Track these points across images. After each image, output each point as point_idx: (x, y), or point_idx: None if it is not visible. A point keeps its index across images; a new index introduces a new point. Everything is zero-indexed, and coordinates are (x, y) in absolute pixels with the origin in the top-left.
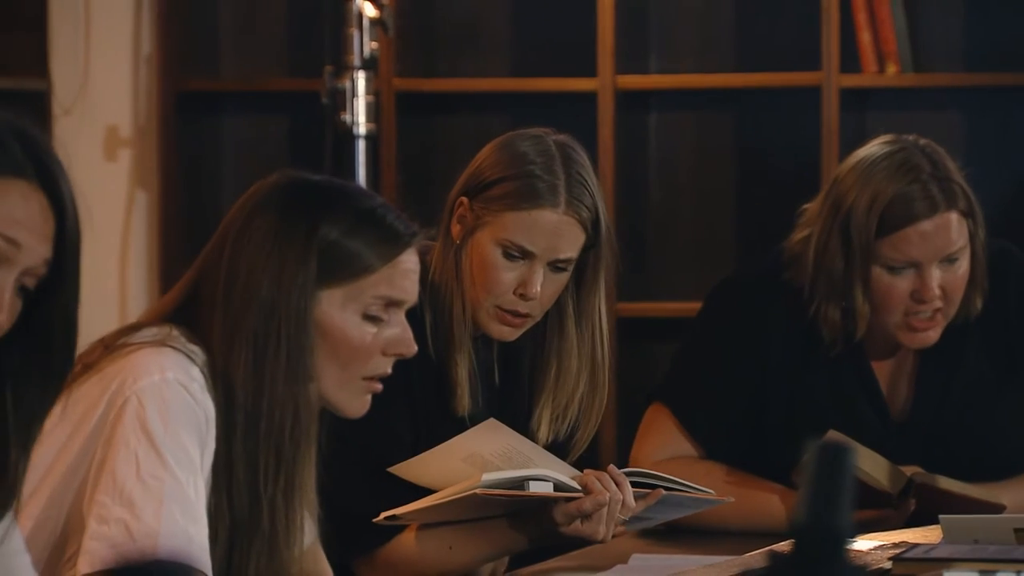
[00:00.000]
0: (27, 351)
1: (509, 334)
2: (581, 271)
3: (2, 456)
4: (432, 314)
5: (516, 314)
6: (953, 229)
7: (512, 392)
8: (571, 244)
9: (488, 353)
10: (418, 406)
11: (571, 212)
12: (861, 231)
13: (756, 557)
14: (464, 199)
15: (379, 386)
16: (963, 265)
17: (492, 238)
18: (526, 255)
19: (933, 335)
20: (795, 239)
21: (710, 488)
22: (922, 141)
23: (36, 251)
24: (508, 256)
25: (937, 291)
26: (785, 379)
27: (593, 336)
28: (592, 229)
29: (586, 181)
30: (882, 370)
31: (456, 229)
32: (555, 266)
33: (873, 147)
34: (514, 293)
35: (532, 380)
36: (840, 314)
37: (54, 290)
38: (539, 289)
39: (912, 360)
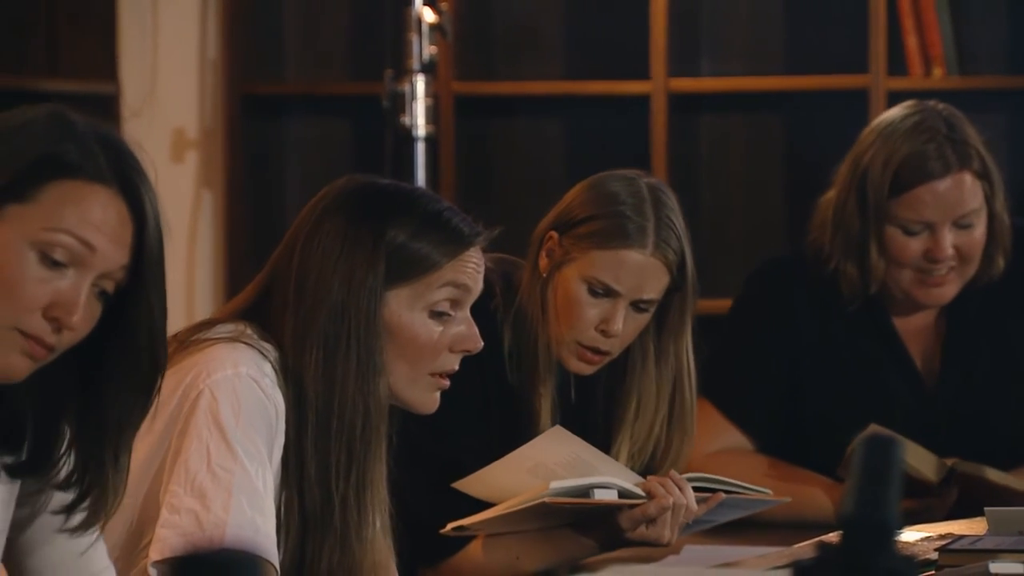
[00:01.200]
0: (115, 360)
1: (586, 369)
2: (662, 313)
3: (98, 462)
4: (514, 339)
5: (596, 351)
6: (967, 189)
7: (587, 418)
8: (655, 286)
9: (565, 377)
10: (494, 430)
11: (658, 254)
12: (876, 190)
13: (805, 548)
14: (554, 233)
15: (447, 382)
16: (979, 228)
17: (579, 274)
18: (610, 293)
19: (948, 291)
20: (821, 201)
21: (755, 481)
22: (941, 106)
23: (112, 256)
24: (593, 293)
25: (951, 251)
26: (817, 354)
27: (681, 380)
28: (677, 272)
29: (674, 225)
30: (913, 341)
31: (544, 262)
32: (638, 306)
33: (894, 110)
34: (596, 329)
35: (610, 413)
36: (857, 270)
37: (136, 299)
38: (621, 327)
39: (940, 328)
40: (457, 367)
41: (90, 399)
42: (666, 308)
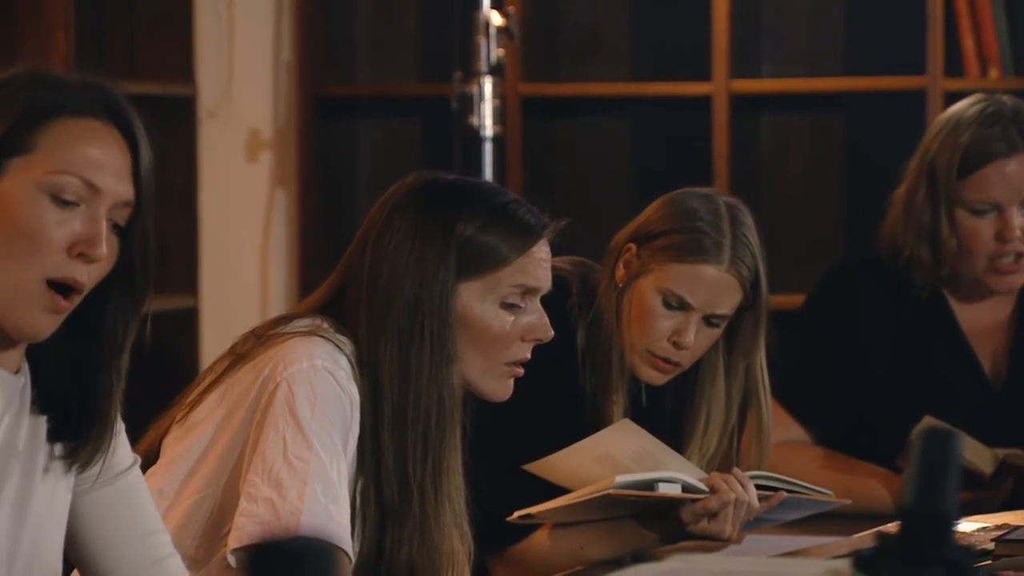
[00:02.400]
0: (112, 285)
1: (657, 378)
2: (734, 329)
3: (100, 380)
4: (588, 343)
5: (668, 361)
6: None
7: (655, 429)
8: (729, 301)
9: (636, 386)
10: (563, 426)
11: (733, 271)
12: (944, 174)
13: (865, 538)
14: (632, 245)
15: (520, 371)
16: None
17: (654, 285)
18: (684, 306)
19: (1019, 279)
20: (893, 196)
21: (813, 473)
22: (1007, 96)
23: (120, 186)
24: (667, 305)
25: (1019, 232)
26: (884, 353)
27: (756, 396)
28: (751, 290)
29: (750, 243)
30: (981, 340)
31: (620, 272)
32: (710, 320)
33: (961, 103)
34: (668, 340)
35: (678, 426)
36: (930, 253)
37: (133, 222)
38: (692, 339)
39: (1010, 328)
40: (529, 356)
41: (86, 322)
42: (738, 325)
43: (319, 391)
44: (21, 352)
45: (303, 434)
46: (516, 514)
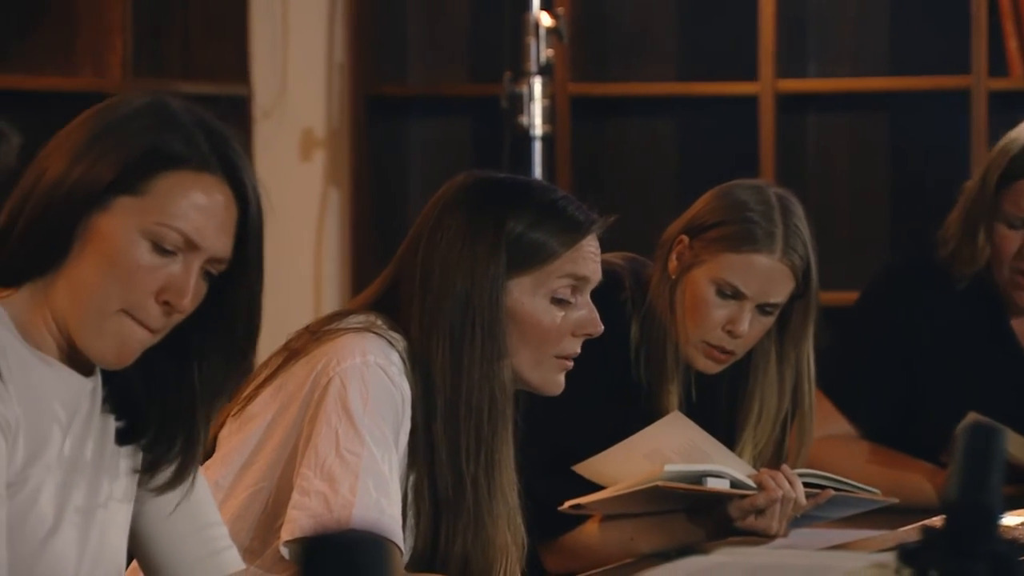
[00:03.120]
0: (214, 332)
1: (713, 367)
2: (785, 318)
3: (189, 427)
4: (642, 337)
5: (722, 350)
6: None
7: (708, 419)
8: (781, 290)
9: (687, 378)
10: (615, 421)
11: (785, 260)
12: (989, 182)
13: (910, 532)
14: (684, 237)
15: (571, 364)
16: None
17: (708, 276)
18: (738, 295)
19: None
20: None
21: (858, 467)
22: None
23: (219, 242)
24: (721, 294)
25: None
26: (934, 352)
27: (801, 384)
28: (802, 279)
29: (801, 232)
30: None
31: (673, 264)
32: (763, 309)
33: None
34: (722, 329)
35: (732, 416)
36: (969, 252)
37: (238, 277)
38: (746, 328)
39: None
40: (579, 350)
41: (185, 364)
42: (789, 314)
43: (371, 386)
44: None
45: (355, 429)
46: (567, 504)
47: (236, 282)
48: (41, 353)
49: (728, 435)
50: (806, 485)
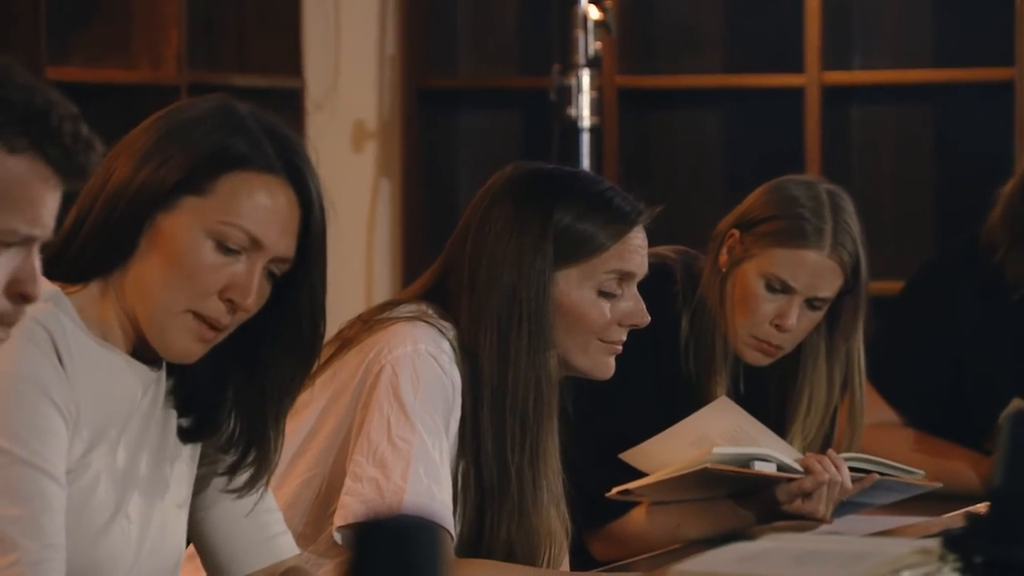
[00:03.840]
0: (279, 334)
1: (762, 360)
2: (834, 313)
3: (260, 429)
4: (692, 329)
5: (770, 344)
6: None
7: (757, 412)
8: (830, 285)
9: (735, 371)
10: (663, 411)
11: (834, 256)
12: None
13: (954, 518)
14: (735, 231)
15: (619, 348)
16: None
17: (757, 270)
18: (787, 290)
19: None
20: (1000, 192)
21: (904, 454)
22: None
23: (282, 242)
24: (770, 288)
25: None
26: (978, 341)
27: (852, 378)
28: (852, 275)
29: (851, 229)
30: None
31: (724, 258)
32: (812, 304)
33: None
34: (771, 324)
35: (782, 407)
36: (1019, 256)
37: (301, 278)
38: (795, 322)
39: None
40: (625, 338)
41: (254, 366)
42: (838, 309)
43: (422, 374)
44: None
45: (407, 416)
46: (615, 490)
47: (299, 283)
48: (107, 344)
49: (777, 427)
50: (852, 470)
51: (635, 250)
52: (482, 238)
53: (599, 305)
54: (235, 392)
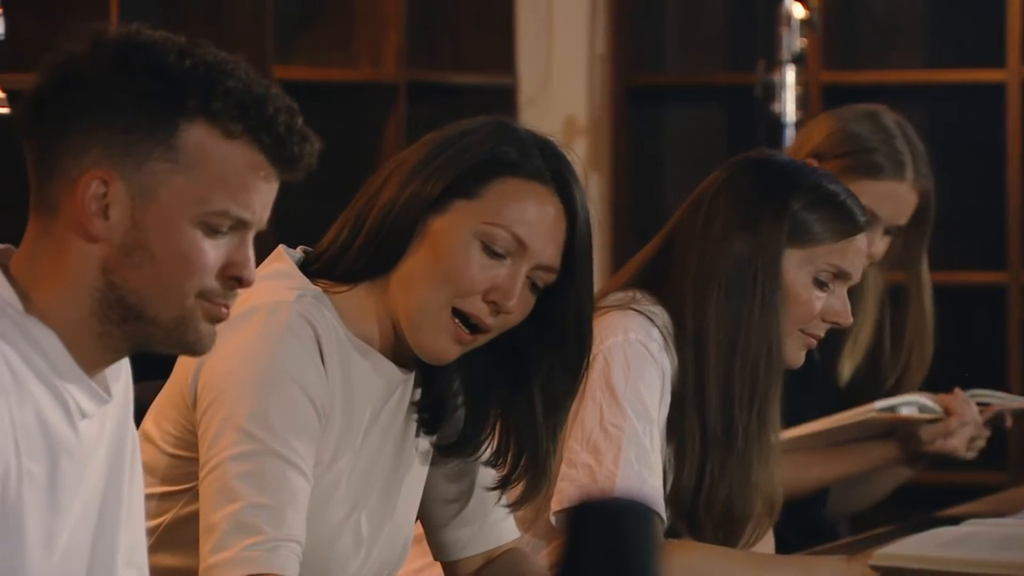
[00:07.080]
0: (544, 345)
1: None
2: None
3: (534, 443)
4: None
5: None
6: None
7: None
8: (906, 213)
9: None
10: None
11: (916, 185)
12: None
13: None
14: (812, 161)
15: (815, 341)
16: None
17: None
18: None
19: None
20: None
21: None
22: None
23: (547, 250)
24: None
25: None
26: None
27: (922, 303)
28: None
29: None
30: None
31: None
32: (887, 232)
33: None
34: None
35: (833, 333)
36: None
37: (566, 289)
38: (879, 249)
39: None
40: (823, 334)
41: (518, 382)
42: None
43: (633, 362)
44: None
45: (618, 403)
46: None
47: (563, 295)
48: (364, 343)
49: (829, 353)
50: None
51: (857, 252)
52: (716, 208)
53: (811, 291)
54: (503, 409)
